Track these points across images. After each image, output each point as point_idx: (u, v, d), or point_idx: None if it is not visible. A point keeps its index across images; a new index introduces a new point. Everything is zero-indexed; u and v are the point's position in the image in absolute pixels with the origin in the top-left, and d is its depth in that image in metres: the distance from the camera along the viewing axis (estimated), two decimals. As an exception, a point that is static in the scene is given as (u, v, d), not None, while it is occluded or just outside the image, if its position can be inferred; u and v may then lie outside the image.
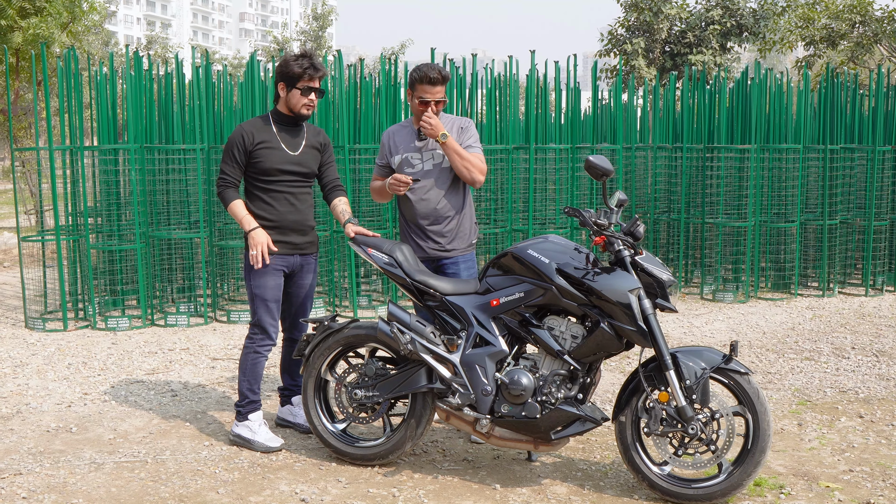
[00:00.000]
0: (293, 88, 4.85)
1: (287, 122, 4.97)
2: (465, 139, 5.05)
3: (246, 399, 4.98)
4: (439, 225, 5.03)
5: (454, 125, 5.08)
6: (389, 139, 5.14)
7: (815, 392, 6.13)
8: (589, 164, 4.24)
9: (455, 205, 5.06)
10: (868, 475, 4.63)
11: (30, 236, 8.54)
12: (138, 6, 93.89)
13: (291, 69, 4.81)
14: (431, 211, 5.00)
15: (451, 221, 5.05)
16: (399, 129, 5.18)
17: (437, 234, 5.03)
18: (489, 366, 4.40)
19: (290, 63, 4.83)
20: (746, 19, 20.06)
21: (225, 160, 4.92)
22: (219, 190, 4.95)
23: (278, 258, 4.89)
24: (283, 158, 4.90)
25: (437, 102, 4.92)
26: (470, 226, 5.18)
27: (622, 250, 4.27)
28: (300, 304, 5.12)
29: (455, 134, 5.03)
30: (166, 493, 4.38)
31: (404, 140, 5.08)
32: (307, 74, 4.81)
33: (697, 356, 4.23)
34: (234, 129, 4.95)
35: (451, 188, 5.05)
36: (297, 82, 4.83)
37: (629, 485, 4.48)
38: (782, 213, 9.95)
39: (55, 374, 6.57)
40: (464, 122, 5.13)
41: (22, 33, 12.54)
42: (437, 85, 4.90)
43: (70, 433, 5.29)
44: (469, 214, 5.19)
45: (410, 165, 5.02)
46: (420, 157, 5.02)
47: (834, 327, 8.22)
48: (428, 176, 5.00)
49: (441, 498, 4.34)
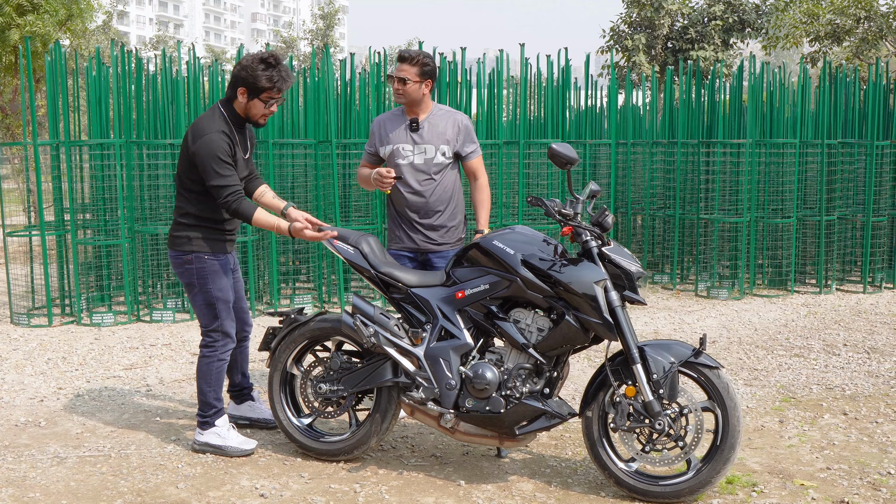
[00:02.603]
0: (255, 99, 4.53)
1: (240, 123, 4.68)
2: (467, 146, 5.03)
3: (212, 409, 4.76)
4: (430, 219, 4.98)
5: (451, 119, 5.03)
6: (380, 127, 5.07)
7: (801, 389, 6.00)
8: (552, 153, 4.14)
9: (446, 199, 5.02)
10: (846, 473, 4.50)
11: (15, 232, 8.50)
12: (150, 7, 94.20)
13: (259, 82, 4.47)
14: (423, 204, 4.96)
15: (442, 215, 5.01)
16: (391, 117, 5.10)
17: (428, 228, 4.99)
18: (453, 359, 4.31)
19: (258, 74, 4.46)
20: (749, 15, 19.87)
21: (219, 170, 4.45)
22: (233, 206, 4.46)
23: (228, 257, 4.76)
24: (243, 166, 4.70)
25: (401, 81, 4.87)
26: (460, 220, 5.14)
27: (589, 241, 4.16)
28: (241, 296, 4.98)
29: (453, 131, 4.99)
30: (125, 488, 4.31)
31: (395, 130, 5.00)
32: (276, 88, 4.52)
33: (666, 350, 4.12)
34: (211, 135, 4.47)
35: (443, 182, 5.00)
36: (261, 94, 4.52)
37: (598, 482, 4.38)
38: (780, 209, 9.80)
39: (33, 369, 6.52)
40: (463, 120, 5.07)
41: (19, 31, 12.52)
42: (404, 63, 4.89)
43: (38, 427, 5.23)
44: (460, 209, 5.15)
45: (401, 156, 4.96)
46: (411, 150, 4.96)
47: (828, 324, 8.08)
48: (419, 169, 4.95)
49: (403, 494, 4.24)
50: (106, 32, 35.90)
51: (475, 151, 5.09)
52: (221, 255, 4.71)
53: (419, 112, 4.99)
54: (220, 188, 4.46)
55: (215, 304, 4.69)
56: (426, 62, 4.91)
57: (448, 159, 5.00)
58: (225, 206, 4.49)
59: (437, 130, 4.97)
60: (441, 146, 4.96)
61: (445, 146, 4.97)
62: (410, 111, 5.00)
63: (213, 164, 4.45)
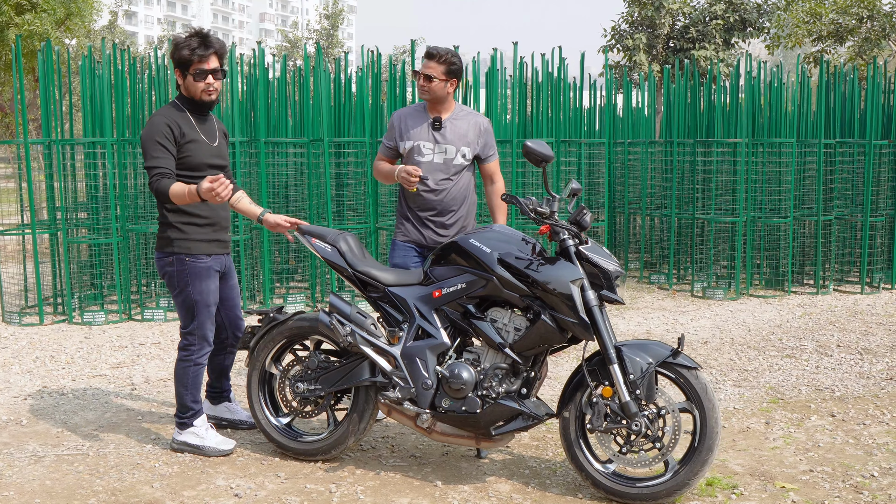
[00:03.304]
0: (188, 75, 4.46)
1: (196, 110, 4.62)
2: (487, 150, 5.03)
3: (189, 411, 4.72)
4: (444, 217, 4.95)
5: (474, 122, 4.99)
6: (401, 122, 5.01)
7: (790, 390, 5.94)
8: (527, 150, 4.10)
9: (460, 199, 4.99)
10: (828, 475, 4.45)
11: (7, 230, 8.50)
12: (158, 7, 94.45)
13: (181, 54, 4.40)
14: (437, 203, 4.92)
15: (455, 215, 4.98)
16: (412, 112, 5.05)
17: (440, 226, 4.95)
18: (430, 359, 4.27)
19: (179, 47, 4.41)
20: (750, 14, 19.74)
21: (153, 152, 4.36)
22: (154, 185, 4.32)
23: (215, 259, 4.66)
24: (208, 151, 4.60)
25: (427, 78, 4.83)
26: (471, 220, 5.11)
27: (566, 239, 4.12)
28: (235, 304, 4.91)
29: (474, 133, 4.96)
30: (100, 487, 4.29)
31: (417, 126, 4.96)
32: (196, 55, 4.41)
33: (643, 350, 4.07)
34: (153, 120, 4.46)
35: (459, 182, 4.97)
36: (189, 66, 4.44)
37: (576, 483, 4.33)
38: (777, 209, 9.74)
39: (20, 368, 6.51)
40: (485, 123, 5.05)
41: (17, 29, 12.53)
42: (431, 59, 4.86)
43: (19, 426, 5.21)
44: (473, 210, 5.12)
45: (421, 154, 4.91)
46: (432, 148, 4.92)
47: (822, 325, 8.01)
48: (437, 168, 4.91)
49: (378, 494, 4.21)
50: (112, 31, 35.98)
51: (494, 155, 5.08)
52: (205, 256, 4.62)
53: (442, 111, 4.94)
54: (149, 168, 4.38)
55: (194, 307, 4.62)
56: (453, 61, 4.87)
57: (467, 161, 4.97)
58: (151, 185, 4.36)
59: (460, 132, 4.94)
60: (462, 148, 4.92)
61: (466, 148, 4.93)
62: (433, 109, 4.95)
63: (148, 145, 4.40)
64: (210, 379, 5.11)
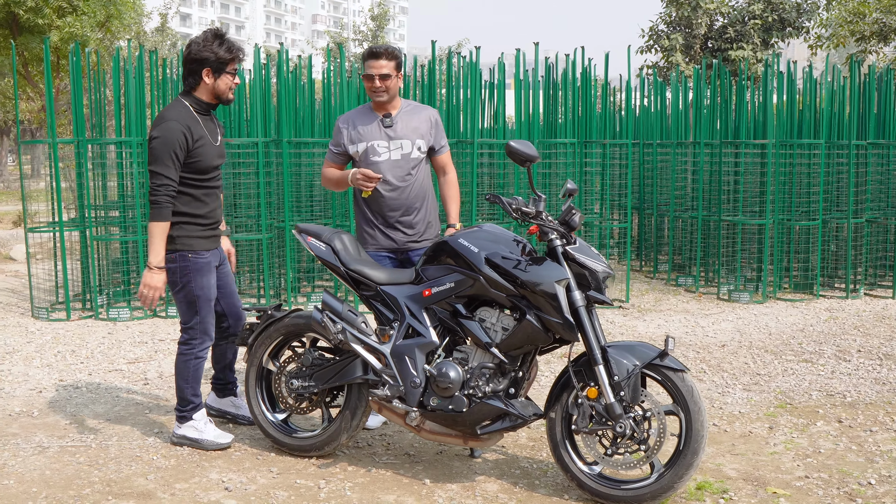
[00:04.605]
0: (223, 73, 4.58)
1: (206, 110, 4.70)
2: (440, 140, 4.99)
3: (190, 404, 4.81)
4: (410, 216, 4.88)
5: (424, 114, 4.94)
6: (348, 125, 4.93)
7: (800, 395, 5.84)
8: (510, 150, 4.10)
9: (423, 194, 4.94)
10: (824, 482, 4.37)
11: (37, 228, 8.72)
12: (212, 9, 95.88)
13: (219, 54, 4.54)
14: (403, 201, 4.84)
15: (421, 211, 4.93)
16: (358, 114, 4.97)
17: (407, 225, 4.88)
18: (419, 357, 4.29)
19: (214, 48, 4.54)
20: (789, 13, 19.36)
21: (163, 162, 4.45)
22: (159, 199, 4.46)
23: (211, 254, 4.75)
24: (214, 152, 4.69)
25: (383, 78, 4.77)
26: (435, 214, 5.07)
27: (554, 239, 4.11)
28: (231, 291, 4.99)
29: (426, 125, 4.91)
30: (96, 478, 4.39)
31: (368, 126, 4.88)
32: (236, 57, 4.59)
33: (630, 351, 4.05)
34: (169, 126, 4.49)
35: (418, 177, 4.91)
36: (226, 66, 4.58)
37: (565, 484, 4.32)
38: (807, 211, 9.57)
39: (41, 361, 6.68)
40: (434, 114, 4.99)
41: (59, 32, 12.84)
42: (380, 59, 4.77)
43: (31, 417, 5.35)
44: (435, 204, 5.08)
45: (376, 154, 4.84)
46: (387, 146, 4.84)
47: (846, 329, 7.86)
48: (396, 165, 4.84)
49: (366, 491, 4.25)
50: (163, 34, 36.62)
51: (445, 146, 5.04)
52: (205, 252, 4.71)
53: (390, 107, 4.88)
54: (159, 175, 4.47)
55: (196, 302, 4.70)
56: (398, 54, 4.85)
57: (422, 154, 4.91)
58: (153, 197, 4.47)
59: (411, 125, 4.88)
60: (417, 140, 4.87)
61: (421, 141, 4.88)
62: (380, 107, 4.88)
63: (162, 153, 4.46)
64: (215, 371, 5.20)
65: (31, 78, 14.93)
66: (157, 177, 4.48)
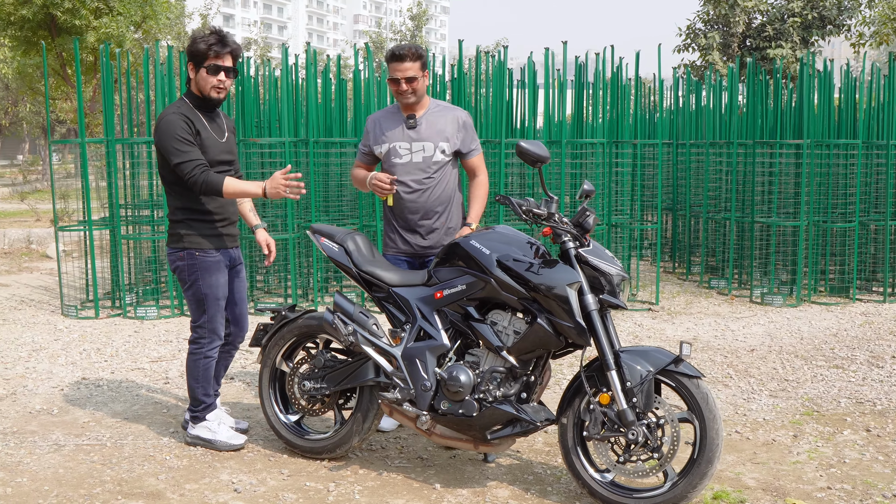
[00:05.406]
0: (202, 69, 4.53)
1: (204, 107, 4.67)
2: (469, 143, 4.84)
3: (202, 404, 4.80)
4: (430, 220, 4.77)
5: (451, 116, 4.82)
6: (375, 125, 4.88)
7: (829, 402, 5.69)
8: (521, 150, 4.02)
9: (445, 199, 4.81)
10: (846, 494, 4.24)
11: (67, 227, 8.81)
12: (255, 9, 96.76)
13: (197, 47, 4.49)
14: (422, 204, 4.75)
15: (442, 216, 4.80)
16: (385, 115, 4.91)
17: (426, 230, 4.79)
18: (430, 360, 4.24)
19: (196, 41, 4.51)
20: (829, 11, 18.93)
21: (178, 147, 4.42)
22: (200, 178, 4.40)
23: (224, 253, 4.71)
24: (217, 147, 4.65)
25: (409, 80, 4.67)
26: (459, 220, 4.92)
27: (566, 242, 4.03)
28: (241, 297, 4.93)
29: (452, 128, 4.79)
30: (108, 477, 4.40)
31: (392, 128, 4.81)
32: (213, 51, 4.49)
33: (643, 357, 3.95)
34: (166, 118, 4.50)
35: (442, 180, 4.78)
36: (203, 61, 4.51)
37: (577, 492, 4.23)
38: (844, 212, 9.35)
39: (66, 359, 6.74)
40: (463, 116, 4.85)
41: (95, 33, 12.99)
42: (404, 61, 4.66)
43: (50, 415, 5.39)
44: (459, 209, 4.95)
45: (398, 156, 4.76)
46: (409, 147, 4.75)
47: (881, 335, 7.65)
48: (417, 167, 4.74)
49: (375, 495, 4.20)
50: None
51: (477, 149, 4.88)
52: (214, 250, 4.68)
53: (417, 108, 4.80)
54: (182, 164, 4.43)
55: (204, 300, 4.68)
56: (422, 53, 4.74)
57: (447, 157, 4.78)
58: (192, 182, 4.43)
59: (437, 127, 4.77)
60: (440, 143, 4.75)
61: (445, 143, 4.76)
62: (407, 108, 4.80)
63: (171, 143, 4.45)
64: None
65: (69, 78, 15.16)
66: (182, 165, 4.44)
